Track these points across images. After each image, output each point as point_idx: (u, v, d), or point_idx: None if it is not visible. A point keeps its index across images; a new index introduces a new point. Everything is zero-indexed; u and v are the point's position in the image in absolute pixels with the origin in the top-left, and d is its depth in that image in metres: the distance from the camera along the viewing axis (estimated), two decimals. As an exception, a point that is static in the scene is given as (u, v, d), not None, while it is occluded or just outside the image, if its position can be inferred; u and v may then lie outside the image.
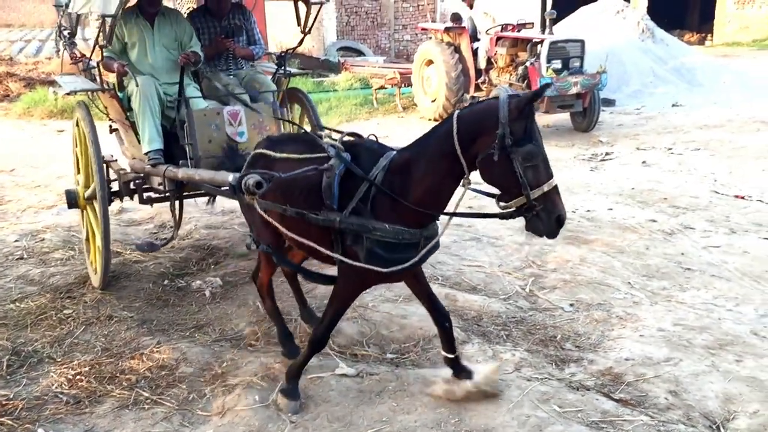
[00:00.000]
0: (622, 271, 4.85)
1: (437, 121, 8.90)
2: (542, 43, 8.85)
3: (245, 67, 5.15)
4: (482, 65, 9.82)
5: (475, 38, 10.02)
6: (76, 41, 5.45)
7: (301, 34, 5.11)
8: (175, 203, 4.49)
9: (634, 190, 6.78)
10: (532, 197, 2.63)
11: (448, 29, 10.06)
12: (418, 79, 10.72)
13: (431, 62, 10.26)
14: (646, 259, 5.04)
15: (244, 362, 3.69)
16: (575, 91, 8.72)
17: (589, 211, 6.15)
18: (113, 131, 5.23)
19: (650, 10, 17.64)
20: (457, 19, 10.15)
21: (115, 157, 5.11)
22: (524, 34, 9.52)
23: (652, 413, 3.20)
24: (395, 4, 18.00)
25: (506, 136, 2.60)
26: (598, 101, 9.27)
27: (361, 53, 16.64)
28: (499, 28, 9.74)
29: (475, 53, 9.88)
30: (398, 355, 3.79)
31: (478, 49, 9.88)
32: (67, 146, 6.35)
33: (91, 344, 3.96)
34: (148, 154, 4.36)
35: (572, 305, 4.35)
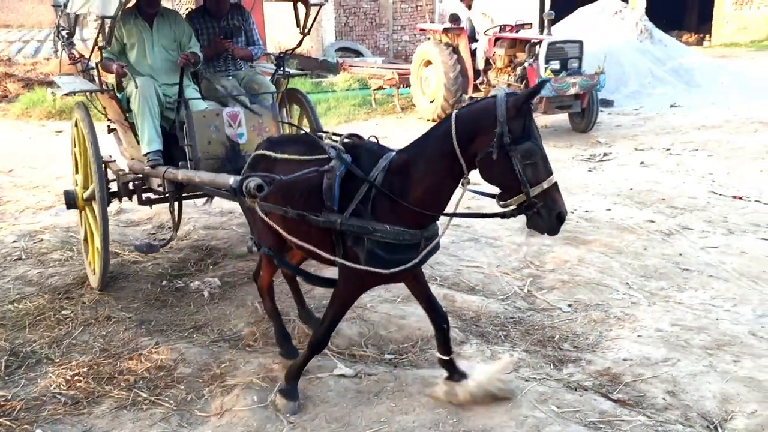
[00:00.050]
0: (620, 271, 4.85)
1: (436, 121, 8.86)
2: (540, 43, 8.85)
3: (244, 67, 5.15)
4: (480, 66, 9.82)
5: (473, 39, 10.02)
6: (74, 42, 5.45)
7: (300, 34, 5.11)
8: (174, 204, 4.49)
9: (632, 190, 6.78)
10: (531, 195, 2.63)
11: (446, 30, 10.07)
12: (416, 79, 10.73)
13: (430, 63, 10.26)
14: (644, 259, 5.05)
15: (242, 363, 3.69)
16: (573, 91, 8.73)
17: (587, 211, 6.15)
18: (111, 131, 5.24)
19: (648, 10, 17.66)
20: (455, 19, 10.15)
21: (113, 157, 5.11)
22: (522, 34, 9.52)
23: (649, 413, 3.20)
24: (394, 4, 18.01)
25: (505, 134, 2.60)
26: (596, 102, 9.28)
27: (359, 54, 16.64)
28: (497, 28, 9.74)
29: (473, 54, 9.88)
30: (396, 355, 3.79)
31: (476, 49, 9.89)
32: (65, 147, 6.35)
33: (89, 345, 3.96)
34: (147, 155, 4.36)
35: (570, 306, 4.35)
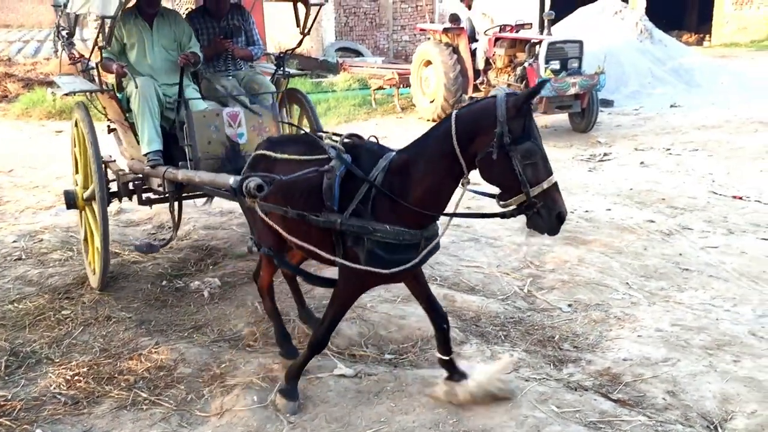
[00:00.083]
0: (620, 271, 4.85)
1: (436, 121, 8.87)
2: (540, 43, 8.85)
3: (244, 67, 5.15)
4: (480, 66, 9.82)
5: (473, 39, 10.02)
6: (74, 42, 5.45)
7: (300, 34, 5.11)
8: (174, 204, 4.49)
9: (632, 190, 6.78)
10: (532, 195, 2.63)
11: (446, 30, 10.06)
12: (416, 79, 10.73)
13: (430, 63, 10.26)
14: (644, 259, 5.05)
15: (242, 363, 3.69)
16: (573, 91, 8.73)
17: (587, 211, 6.15)
18: (111, 131, 5.24)
19: (648, 10, 17.66)
20: (455, 19, 10.15)
21: (113, 157, 5.11)
22: (522, 34, 9.52)
23: (649, 413, 3.20)
24: (394, 4, 18.01)
25: (505, 134, 2.60)
26: (596, 102, 9.28)
27: (359, 54, 16.64)
28: (497, 28, 9.74)
29: (473, 54, 9.88)
30: (396, 355, 3.79)
31: (476, 49, 9.89)
32: (65, 147, 6.35)
33: (89, 345, 3.96)
34: (147, 155, 4.36)
35: (570, 306, 4.35)
